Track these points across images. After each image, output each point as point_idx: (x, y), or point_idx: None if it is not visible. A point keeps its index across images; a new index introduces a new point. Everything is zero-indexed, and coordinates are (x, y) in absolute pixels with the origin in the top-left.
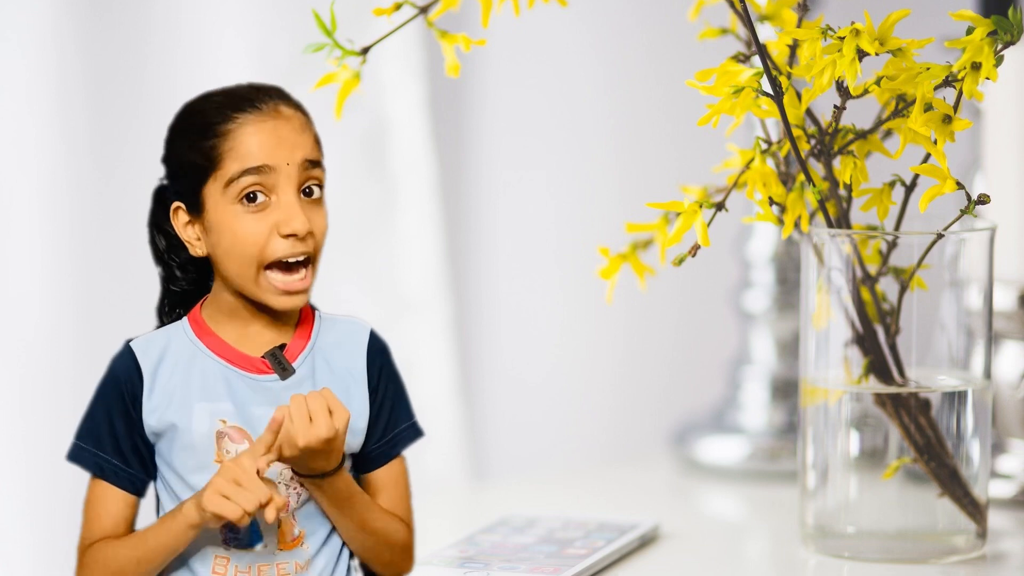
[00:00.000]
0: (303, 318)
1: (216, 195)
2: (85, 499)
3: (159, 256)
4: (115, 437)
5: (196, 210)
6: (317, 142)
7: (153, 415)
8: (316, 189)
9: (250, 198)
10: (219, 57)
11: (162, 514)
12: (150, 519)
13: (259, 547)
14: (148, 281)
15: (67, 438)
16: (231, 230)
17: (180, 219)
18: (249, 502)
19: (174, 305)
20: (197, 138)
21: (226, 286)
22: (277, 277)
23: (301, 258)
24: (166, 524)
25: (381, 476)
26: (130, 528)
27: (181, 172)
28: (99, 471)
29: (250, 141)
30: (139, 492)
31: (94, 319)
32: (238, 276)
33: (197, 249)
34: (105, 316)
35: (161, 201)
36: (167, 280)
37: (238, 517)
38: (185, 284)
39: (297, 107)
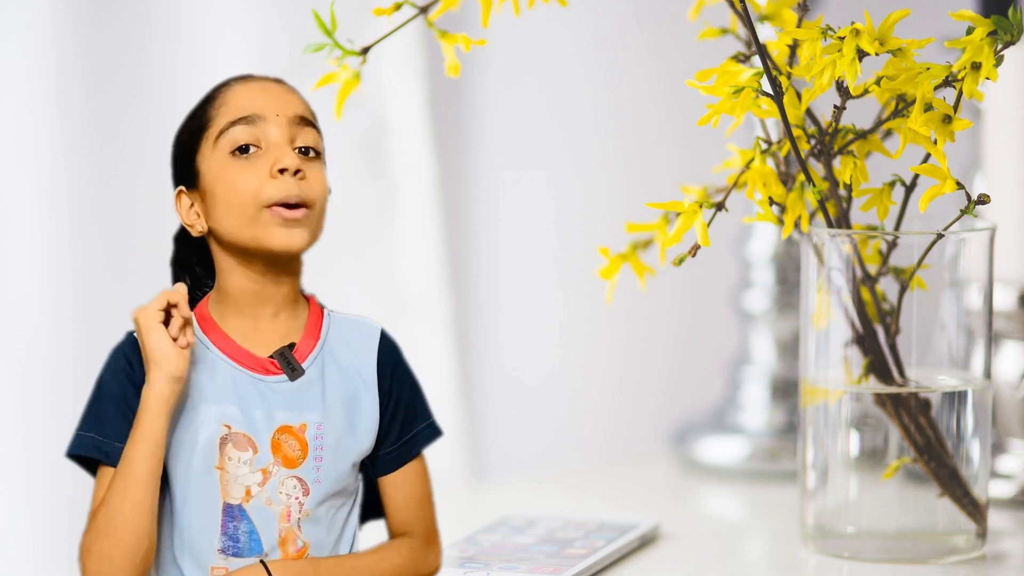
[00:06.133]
0: (312, 317)
1: (208, 154)
2: (93, 491)
3: (178, 264)
4: (126, 421)
5: (193, 182)
6: (312, 113)
7: None
8: (311, 151)
9: (242, 150)
10: (219, 57)
11: (162, 518)
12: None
13: (259, 558)
14: (148, 281)
15: (67, 437)
16: (225, 181)
17: (183, 203)
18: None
19: None
20: (194, 111)
21: (233, 261)
22: (277, 208)
23: (296, 200)
24: (134, 430)
25: (399, 478)
26: None
27: (179, 150)
28: (105, 458)
29: (239, 96)
30: None
31: (94, 319)
32: (238, 227)
33: (198, 227)
34: (105, 316)
35: (182, 241)
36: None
37: (168, 300)
38: None
39: (291, 86)
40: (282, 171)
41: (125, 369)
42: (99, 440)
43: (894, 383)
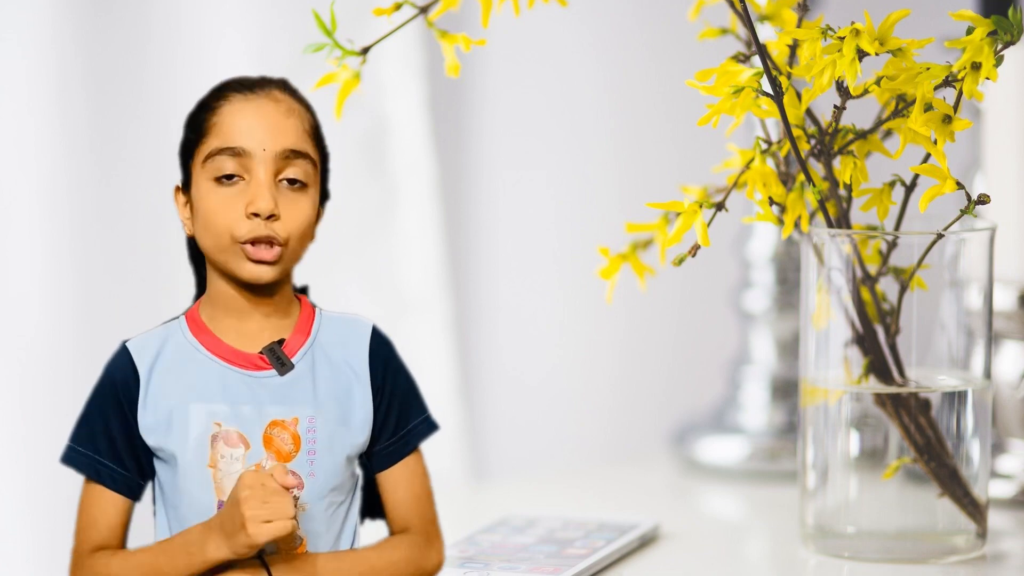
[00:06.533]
0: (303, 315)
1: (198, 169)
2: (79, 503)
3: (194, 256)
4: (111, 440)
5: (187, 186)
6: (310, 133)
7: (148, 415)
8: (299, 181)
9: (227, 177)
10: (219, 57)
11: (158, 518)
12: (145, 517)
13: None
14: (148, 281)
15: (67, 438)
16: (207, 204)
17: (179, 200)
18: (288, 507)
19: None
20: (195, 113)
21: (216, 272)
22: (246, 246)
23: (266, 240)
24: (181, 555)
25: (397, 474)
26: (124, 533)
27: (181, 149)
28: (95, 475)
29: (233, 120)
30: (135, 496)
31: (94, 319)
32: (214, 249)
33: (187, 228)
34: (105, 316)
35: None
36: (200, 283)
37: (291, 529)
38: None
39: (295, 95)
40: (256, 213)
41: (113, 391)
42: (94, 458)
43: (894, 383)
